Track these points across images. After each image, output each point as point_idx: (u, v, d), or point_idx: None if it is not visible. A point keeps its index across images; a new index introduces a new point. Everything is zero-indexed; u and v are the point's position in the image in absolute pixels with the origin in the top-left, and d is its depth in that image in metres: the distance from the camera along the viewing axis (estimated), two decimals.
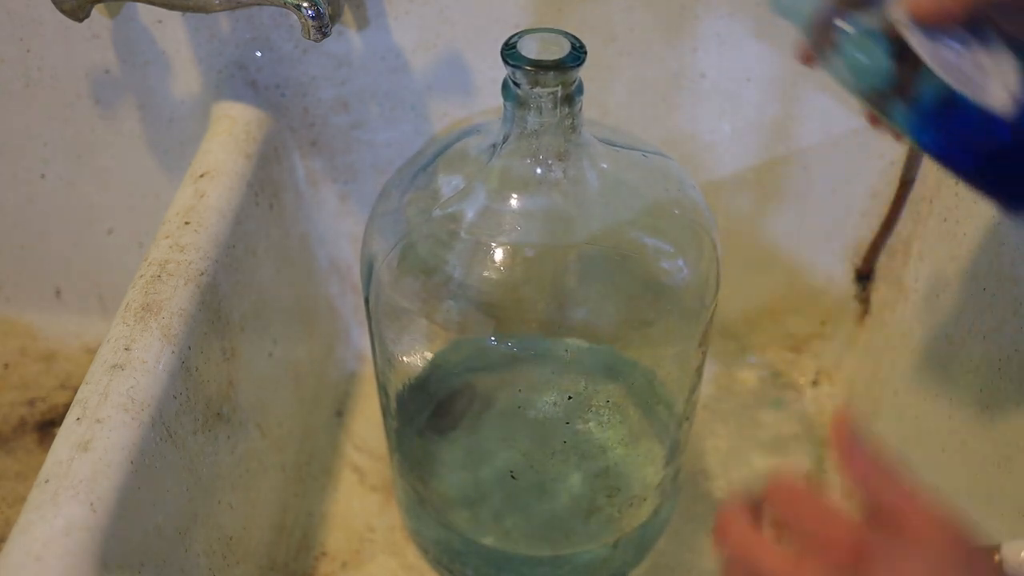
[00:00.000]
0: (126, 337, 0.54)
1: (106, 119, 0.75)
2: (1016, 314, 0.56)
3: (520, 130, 0.53)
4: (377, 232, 0.59)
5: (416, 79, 0.72)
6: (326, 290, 0.82)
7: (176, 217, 0.62)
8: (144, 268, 0.58)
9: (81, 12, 0.65)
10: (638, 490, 0.66)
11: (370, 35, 0.69)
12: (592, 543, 0.66)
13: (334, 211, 0.79)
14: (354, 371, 0.85)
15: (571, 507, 0.65)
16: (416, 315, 0.56)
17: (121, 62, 0.72)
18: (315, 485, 0.76)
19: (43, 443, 0.79)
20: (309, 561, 0.71)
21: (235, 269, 0.63)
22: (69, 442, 0.48)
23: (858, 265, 0.80)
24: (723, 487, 0.76)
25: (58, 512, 0.45)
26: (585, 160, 0.55)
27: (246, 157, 0.68)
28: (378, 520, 0.74)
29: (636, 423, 0.66)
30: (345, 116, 0.74)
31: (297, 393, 0.75)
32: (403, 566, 0.71)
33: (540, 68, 0.50)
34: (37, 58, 0.72)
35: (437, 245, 0.56)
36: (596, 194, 0.56)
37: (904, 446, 0.69)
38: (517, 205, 0.55)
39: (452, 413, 0.67)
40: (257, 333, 0.67)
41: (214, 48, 0.70)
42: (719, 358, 0.84)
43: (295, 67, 0.71)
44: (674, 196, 0.59)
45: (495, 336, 0.56)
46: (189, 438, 0.56)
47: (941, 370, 0.64)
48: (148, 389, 0.52)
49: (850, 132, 0.72)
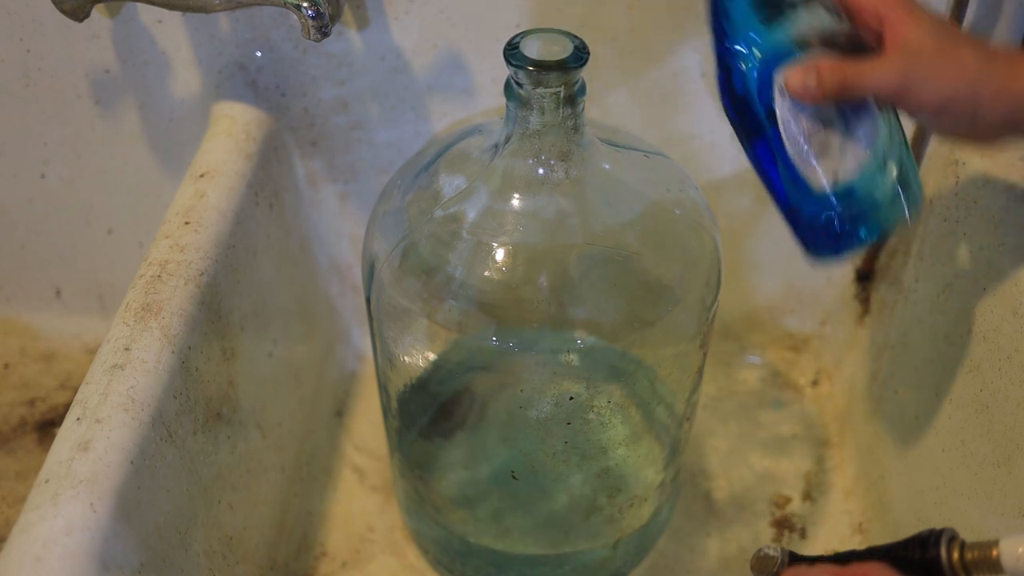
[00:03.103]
0: (126, 337, 0.54)
1: (106, 119, 0.75)
2: (1016, 314, 0.56)
3: (522, 130, 0.53)
4: (379, 232, 0.58)
5: (416, 79, 0.72)
6: (326, 290, 0.82)
7: (176, 217, 0.62)
8: (144, 268, 0.58)
9: (81, 12, 0.65)
10: (638, 490, 0.66)
11: (370, 35, 0.69)
12: (592, 543, 0.66)
13: (334, 211, 0.79)
14: (354, 371, 0.85)
15: (571, 507, 0.65)
16: (417, 315, 0.56)
17: (121, 62, 0.72)
18: (315, 485, 0.76)
19: (43, 443, 0.79)
20: (309, 561, 0.71)
21: (235, 269, 0.63)
22: (69, 442, 0.48)
23: (858, 265, 0.80)
24: (723, 487, 0.76)
25: (58, 512, 0.45)
26: (587, 160, 0.55)
27: (246, 157, 0.68)
28: (378, 520, 0.74)
29: (637, 423, 0.66)
30: (345, 116, 0.74)
31: (297, 393, 0.75)
32: (403, 566, 0.71)
33: (543, 68, 0.50)
34: (37, 58, 0.72)
35: (439, 245, 0.56)
36: (598, 194, 0.56)
37: (904, 446, 0.69)
38: (519, 205, 0.55)
39: (453, 413, 0.67)
40: (257, 333, 0.67)
41: (214, 48, 0.70)
42: (719, 358, 0.84)
43: (295, 67, 0.71)
44: (675, 196, 0.59)
45: (496, 336, 0.56)
46: (189, 438, 0.56)
47: (941, 370, 0.64)
48: (148, 389, 0.52)
49: None
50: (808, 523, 0.73)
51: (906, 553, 0.42)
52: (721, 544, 0.72)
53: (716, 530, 0.73)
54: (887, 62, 0.48)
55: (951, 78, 0.47)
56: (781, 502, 0.75)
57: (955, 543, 0.41)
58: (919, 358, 0.68)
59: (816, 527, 0.73)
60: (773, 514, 0.74)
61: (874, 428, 0.74)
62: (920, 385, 0.68)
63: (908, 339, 0.70)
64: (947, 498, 0.62)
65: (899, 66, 0.47)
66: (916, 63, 0.47)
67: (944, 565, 0.40)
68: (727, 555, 0.71)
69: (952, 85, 0.47)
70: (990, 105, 0.47)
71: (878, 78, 0.48)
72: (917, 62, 0.47)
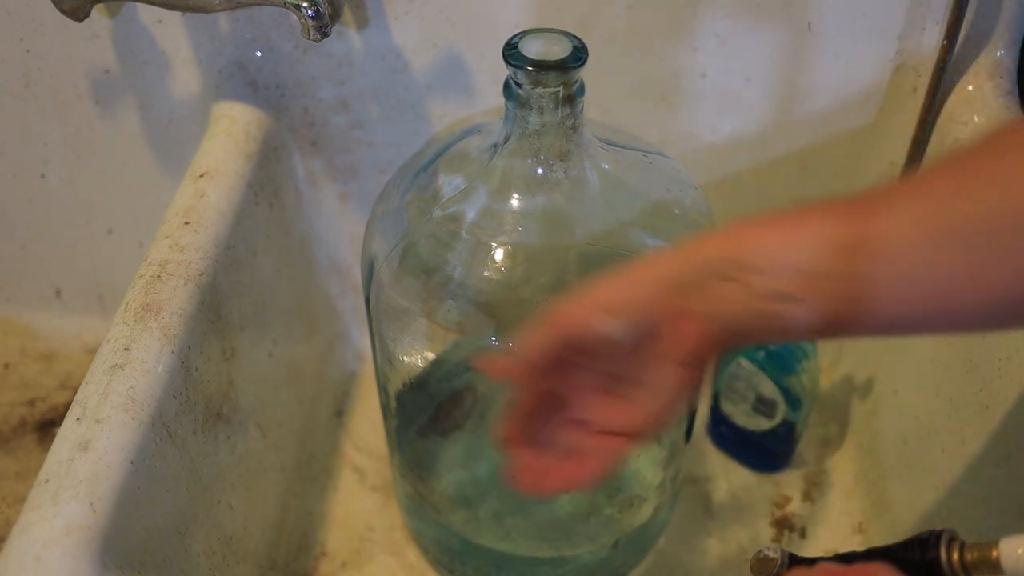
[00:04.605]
0: (126, 337, 0.54)
1: (106, 119, 0.75)
2: None
3: (521, 130, 0.53)
4: (378, 232, 0.58)
5: (416, 79, 0.72)
6: (326, 290, 0.82)
7: (176, 217, 0.62)
8: (144, 268, 0.58)
9: (81, 12, 0.65)
10: (638, 490, 0.66)
11: (370, 35, 0.69)
12: (592, 543, 0.66)
13: (334, 211, 0.79)
14: (354, 371, 0.85)
15: (571, 507, 0.65)
16: (417, 315, 0.56)
17: (121, 62, 0.72)
18: (315, 485, 0.76)
19: (43, 443, 0.79)
20: (309, 561, 0.71)
21: (235, 269, 0.63)
22: (69, 442, 0.48)
23: None
24: (723, 487, 0.76)
25: (58, 512, 0.45)
26: (586, 160, 0.55)
27: (246, 157, 0.68)
28: (378, 520, 0.74)
29: None
30: (345, 116, 0.74)
31: (297, 393, 0.75)
32: (403, 566, 0.71)
33: (542, 68, 0.50)
34: (37, 58, 0.72)
35: (438, 245, 0.56)
36: (597, 194, 0.56)
37: (904, 446, 0.69)
38: (518, 205, 0.55)
39: (452, 413, 0.67)
40: (257, 333, 0.67)
41: (214, 48, 0.70)
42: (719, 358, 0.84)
43: (295, 67, 0.71)
44: (675, 196, 0.59)
45: (496, 336, 0.56)
46: (189, 438, 0.56)
47: (941, 370, 0.64)
48: (148, 389, 0.52)
49: (849, 132, 0.72)
50: (808, 523, 0.73)
51: (906, 554, 0.42)
52: (721, 544, 0.72)
53: (716, 530, 0.73)
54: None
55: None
56: (781, 502, 0.75)
57: (955, 543, 0.41)
58: (919, 358, 0.68)
59: (816, 527, 0.73)
60: (773, 514, 0.74)
61: (874, 428, 0.74)
62: (920, 385, 0.68)
63: (908, 339, 0.70)
64: (947, 498, 0.62)
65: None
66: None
67: (944, 565, 0.40)
68: (727, 555, 0.71)
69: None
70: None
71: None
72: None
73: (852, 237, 0.37)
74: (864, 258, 0.37)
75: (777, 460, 0.76)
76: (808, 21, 0.66)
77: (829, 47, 0.67)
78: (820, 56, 0.68)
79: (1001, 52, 0.66)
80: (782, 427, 0.73)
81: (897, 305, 0.37)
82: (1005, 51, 0.66)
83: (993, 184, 0.35)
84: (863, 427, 0.76)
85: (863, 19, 0.66)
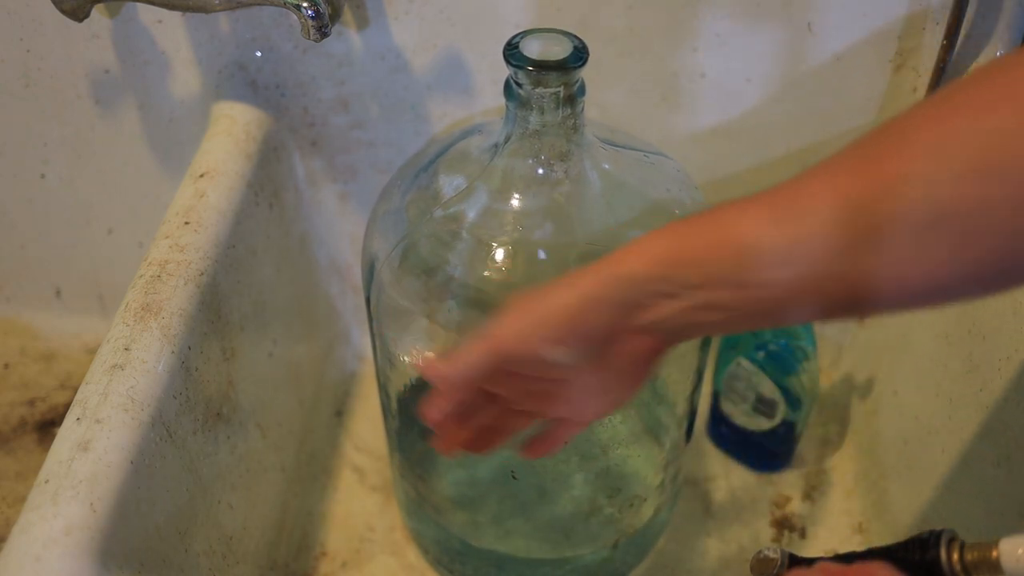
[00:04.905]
0: (126, 337, 0.54)
1: (106, 119, 0.75)
2: (1016, 314, 0.56)
3: (522, 130, 0.53)
4: (378, 232, 0.58)
5: (416, 79, 0.72)
6: (326, 290, 0.82)
7: (176, 217, 0.62)
8: (144, 268, 0.58)
9: (81, 12, 0.65)
10: (638, 491, 0.66)
11: (370, 35, 0.69)
12: (592, 543, 0.66)
13: (334, 211, 0.79)
14: (354, 371, 0.85)
15: (572, 508, 0.65)
16: (417, 315, 0.56)
17: (121, 62, 0.72)
18: (315, 485, 0.76)
19: (43, 443, 0.79)
20: (309, 561, 0.71)
21: (235, 269, 0.63)
22: (69, 442, 0.48)
23: None
24: (723, 487, 0.76)
25: (58, 512, 0.45)
26: (587, 160, 0.55)
27: (246, 157, 0.68)
28: (378, 520, 0.74)
29: (636, 424, 0.66)
30: (345, 116, 0.74)
31: (297, 393, 0.75)
32: (403, 566, 0.71)
33: (543, 68, 0.50)
34: (37, 58, 0.72)
35: (438, 245, 0.56)
36: (597, 194, 0.56)
37: (904, 446, 0.69)
38: (519, 205, 0.55)
39: None
40: (257, 333, 0.67)
41: (214, 48, 0.70)
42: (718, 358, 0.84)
43: (295, 67, 0.71)
44: (675, 196, 0.59)
45: None
46: (189, 438, 0.56)
47: (941, 370, 0.64)
48: (148, 389, 0.52)
49: (849, 131, 0.72)
50: (808, 523, 0.73)
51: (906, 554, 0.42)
52: (721, 544, 0.72)
53: (716, 530, 0.73)
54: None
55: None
56: (781, 502, 0.75)
57: (955, 543, 0.41)
58: (919, 358, 0.68)
59: (816, 527, 0.73)
60: (773, 514, 0.74)
61: (874, 428, 0.74)
62: (920, 385, 0.68)
63: (908, 339, 0.70)
64: (947, 498, 0.62)
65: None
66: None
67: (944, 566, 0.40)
68: (727, 555, 0.71)
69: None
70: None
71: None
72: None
73: (765, 240, 0.39)
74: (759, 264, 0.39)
75: (777, 460, 0.76)
76: (808, 21, 0.66)
77: (829, 47, 0.67)
78: (820, 56, 0.68)
79: (1001, 52, 0.66)
80: (782, 427, 0.73)
81: (800, 299, 0.39)
82: (1005, 51, 0.66)
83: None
84: (863, 427, 0.76)
85: (863, 19, 0.66)
